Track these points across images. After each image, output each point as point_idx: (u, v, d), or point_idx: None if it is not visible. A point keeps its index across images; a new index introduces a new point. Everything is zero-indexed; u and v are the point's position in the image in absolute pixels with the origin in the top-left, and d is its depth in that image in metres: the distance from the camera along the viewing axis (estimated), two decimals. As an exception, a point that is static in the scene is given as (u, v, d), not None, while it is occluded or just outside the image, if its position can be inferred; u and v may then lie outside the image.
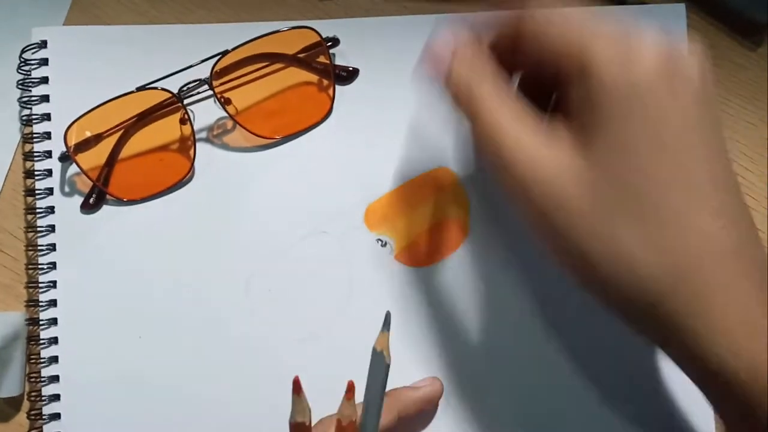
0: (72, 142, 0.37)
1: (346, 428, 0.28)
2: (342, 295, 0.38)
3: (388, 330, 0.29)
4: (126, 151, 0.38)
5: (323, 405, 0.36)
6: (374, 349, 0.28)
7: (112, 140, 0.38)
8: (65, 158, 0.37)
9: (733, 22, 0.41)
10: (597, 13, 0.25)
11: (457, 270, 0.38)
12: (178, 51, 0.38)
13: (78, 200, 0.38)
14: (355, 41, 0.39)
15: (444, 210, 0.38)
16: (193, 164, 0.38)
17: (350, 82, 0.39)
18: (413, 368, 0.37)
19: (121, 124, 0.38)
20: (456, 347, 0.37)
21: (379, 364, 0.28)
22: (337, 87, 0.39)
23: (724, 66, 0.41)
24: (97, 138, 0.38)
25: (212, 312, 0.37)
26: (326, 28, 0.39)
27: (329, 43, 0.39)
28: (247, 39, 0.38)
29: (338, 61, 0.39)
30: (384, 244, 0.38)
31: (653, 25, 0.39)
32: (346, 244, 0.38)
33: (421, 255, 0.38)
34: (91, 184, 0.38)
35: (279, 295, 0.37)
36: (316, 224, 0.38)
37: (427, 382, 0.36)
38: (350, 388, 0.26)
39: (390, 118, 0.39)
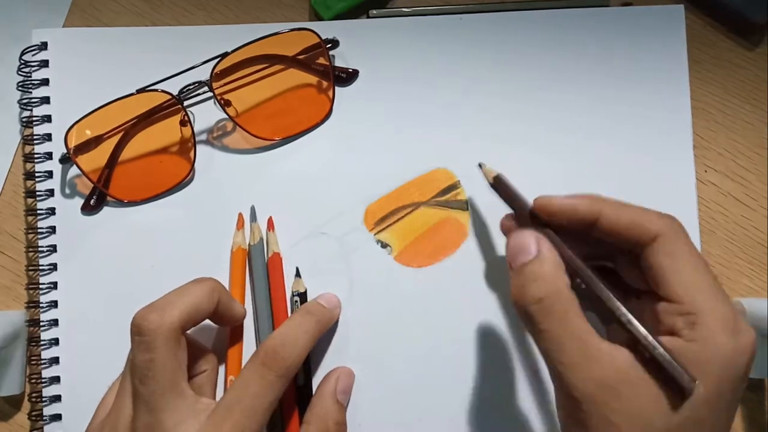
0: (72, 143, 0.37)
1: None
2: (341, 295, 0.38)
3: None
4: (126, 152, 0.38)
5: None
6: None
7: (112, 142, 0.38)
8: (66, 160, 0.37)
9: (732, 23, 0.41)
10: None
11: (457, 271, 0.38)
12: (178, 53, 0.38)
13: (79, 202, 0.38)
14: (354, 43, 0.39)
15: (443, 211, 0.38)
16: (193, 166, 0.38)
17: (350, 84, 0.39)
18: (413, 367, 0.37)
19: (122, 125, 0.38)
20: (455, 347, 0.37)
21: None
22: (336, 88, 0.39)
23: (723, 66, 0.41)
24: (98, 140, 0.38)
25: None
26: (325, 29, 0.39)
27: (329, 45, 0.39)
28: (247, 41, 0.38)
29: (338, 63, 0.39)
30: (384, 245, 0.38)
31: (652, 27, 0.39)
32: (346, 245, 0.38)
33: (420, 256, 0.38)
34: (91, 185, 0.38)
35: (279, 295, 0.38)
36: (315, 225, 0.38)
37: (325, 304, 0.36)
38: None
39: (390, 119, 0.39)
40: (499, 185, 0.33)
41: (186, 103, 0.38)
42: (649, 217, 0.28)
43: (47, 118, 0.38)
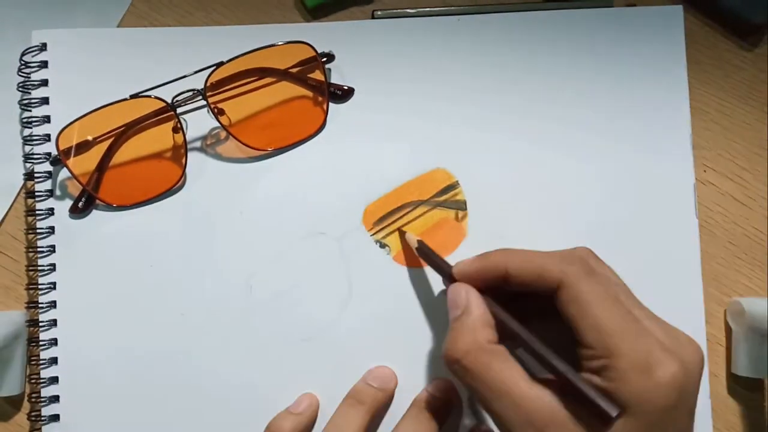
0: (63, 146, 0.37)
1: None
2: (341, 295, 0.38)
3: None
4: (117, 157, 0.38)
5: (324, 404, 0.37)
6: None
7: (103, 146, 0.38)
8: (57, 162, 0.37)
9: (731, 23, 0.41)
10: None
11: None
12: (178, 54, 0.39)
13: (71, 204, 0.38)
14: (354, 42, 0.39)
15: (442, 211, 0.38)
16: (184, 172, 0.38)
17: (345, 101, 0.39)
18: (413, 367, 0.37)
19: (114, 130, 0.38)
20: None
21: None
22: (331, 104, 0.39)
23: (722, 67, 0.41)
24: (89, 143, 0.38)
25: (212, 314, 0.37)
26: (325, 30, 0.39)
27: (324, 59, 0.39)
28: (246, 42, 0.38)
29: (334, 74, 0.39)
30: (382, 245, 0.38)
31: (651, 27, 0.40)
32: (345, 245, 0.38)
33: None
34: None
35: (278, 296, 0.38)
36: (314, 226, 0.38)
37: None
38: None
39: (388, 118, 0.39)
40: (422, 251, 0.35)
41: (179, 110, 0.38)
42: (551, 266, 0.29)
43: (46, 119, 0.38)
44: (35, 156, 0.38)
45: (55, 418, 0.37)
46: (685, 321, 0.37)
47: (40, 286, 0.37)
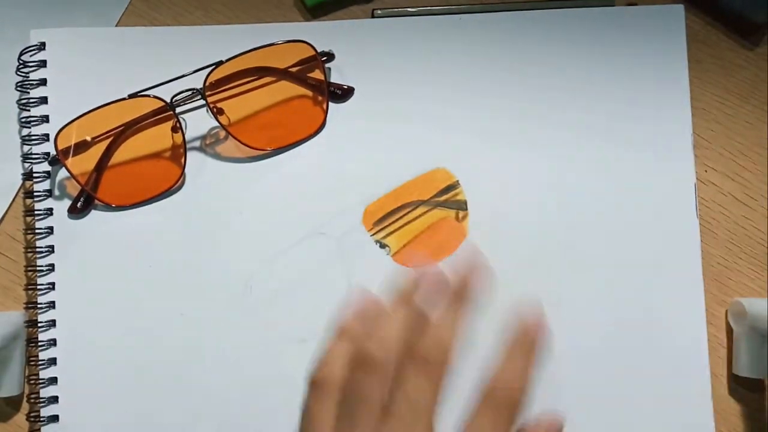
0: (62, 145, 0.37)
1: None
2: (341, 295, 0.37)
3: None
4: (116, 157, 0.38)
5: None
6: None
7: (102, 146, 0.38)
8: (55, 162, 0.37)
9: (732, 23, 0.41)
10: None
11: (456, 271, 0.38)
12: (177, 53, 0.38)
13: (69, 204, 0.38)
14: (353, 42, 0.39)
15: (442, 211, 0.38)
16: (183, 172, 0.38)
17: (345, 100, 0.39)
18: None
19: (112, 130, 0.38)
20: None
21: None
22: (331, 103, 0.39)
23: (723, 66, 0.41)
24: (88, 143, 0.38)
25: (211, 314, 0.37)
26: (325, 30, 0.39)
27: (324, 58, 0.39)
28: (245, 41, 0.38)
29: (334, 73, 0.39)
30: (382, 245, 0.38)
31: (652, 26, 0.39)
32: (345, 245, 0.38)
33: (419, 256, 0.38)
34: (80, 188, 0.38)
35: (277, 296, 0.37)
36: (314, 226, 0.38)
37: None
38: None
39: (388, 118, 0.39)
40: None
41: (178, 109, 0.38)
42: None
43: (45, 119, 0.38)
44: (34, 156, 0.38)
45: (54, 419, 0.37)
46: (686, 322, 0.37)
47: (38, 287, 0.37)
